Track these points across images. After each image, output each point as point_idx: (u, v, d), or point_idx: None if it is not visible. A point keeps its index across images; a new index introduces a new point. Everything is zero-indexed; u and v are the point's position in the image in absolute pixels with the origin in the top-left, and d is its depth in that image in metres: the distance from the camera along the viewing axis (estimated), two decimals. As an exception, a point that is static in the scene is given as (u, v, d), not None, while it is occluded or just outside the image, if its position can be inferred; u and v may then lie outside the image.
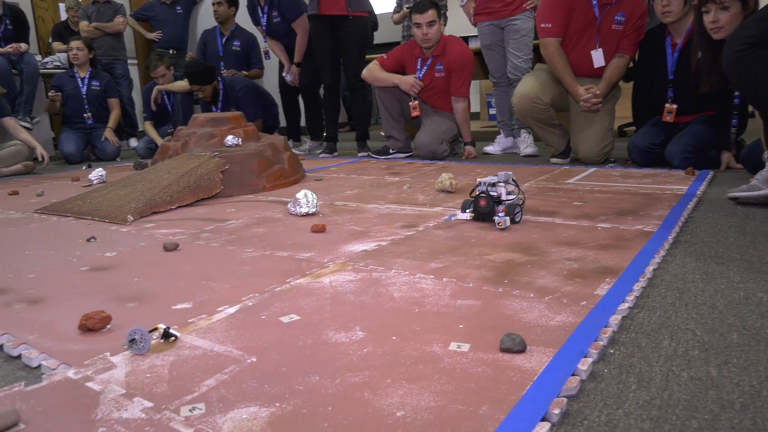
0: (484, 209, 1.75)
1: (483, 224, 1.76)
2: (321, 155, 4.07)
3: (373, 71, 3.52)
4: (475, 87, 7.25)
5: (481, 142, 4.09)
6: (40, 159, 3.96)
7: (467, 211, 1.84)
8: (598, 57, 2.92)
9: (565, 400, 0.77)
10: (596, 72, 2.95)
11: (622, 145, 3.42)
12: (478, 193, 1.78)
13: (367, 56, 3.95)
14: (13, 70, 4.53)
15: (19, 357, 0.99)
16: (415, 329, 1.01)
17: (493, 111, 6.46)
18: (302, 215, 2.01)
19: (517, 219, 1.75)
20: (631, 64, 3.02)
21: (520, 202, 1.80)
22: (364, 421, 0.73)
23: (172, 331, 1.01)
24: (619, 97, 3.06)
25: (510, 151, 3.75)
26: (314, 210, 2.03)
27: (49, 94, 4.50)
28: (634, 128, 3.28)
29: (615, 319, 1.02)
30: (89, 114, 4.58)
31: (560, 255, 1.41)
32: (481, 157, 3.58)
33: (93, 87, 4.59)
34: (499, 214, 1.70)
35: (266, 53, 4.64)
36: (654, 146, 2.76)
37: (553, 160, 3.15)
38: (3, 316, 1.16)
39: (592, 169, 2.81)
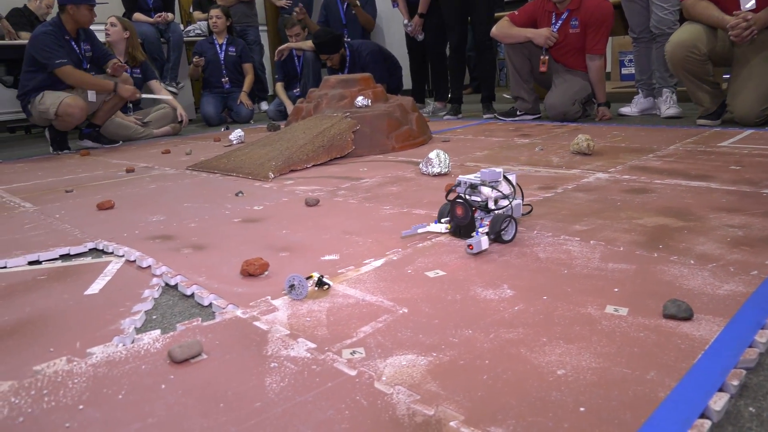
0: (461, 220, 1.26)
1: (628, 187, 1.66)
2: (445, 117, 4.04)
3: (504, 27, 3.40)
4: (607, 45, 6.78)
5: (615, 104, 3.84)
6: (179, 120, 4.27)
7: (443, 220, 1.33)
8: None
9: (744, 372, 0.71)
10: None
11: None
12: (455, 196, 1.30)
13: (496, 14, 3.82)
14: (160, 39, 4.89)
15: (191, 296, 1.10)
16: (566, 290, 0.98)
17: (626, 70, 6.02)
18: (434, 175, 2.01)
19: (507, 237, 1.23)
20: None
21: (514, 212, 1.29)
22: (524, 376, 0.73)
23: (325, 279, 1.06)
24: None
25: (648, 113, 3.49)
26: (446, 170, 2.02)
27: (194, 59, 4.82)
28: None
29: (794, 292, 0.93)
30: (226, 79, 4.85)
31: (721, 221, 1.30)
32: (616, 119, 3.37)
33: (230, 53, 4.85)
34: (479, 230, 1.22)
35: (394, 1, 4.61)
36: (827, 105, 2.43)
37: (700, 121, 2.89)
38: (174, 259, 1.28)
39: (748, 131, 2.54)
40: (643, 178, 1.78)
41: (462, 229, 1.27)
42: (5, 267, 1.32)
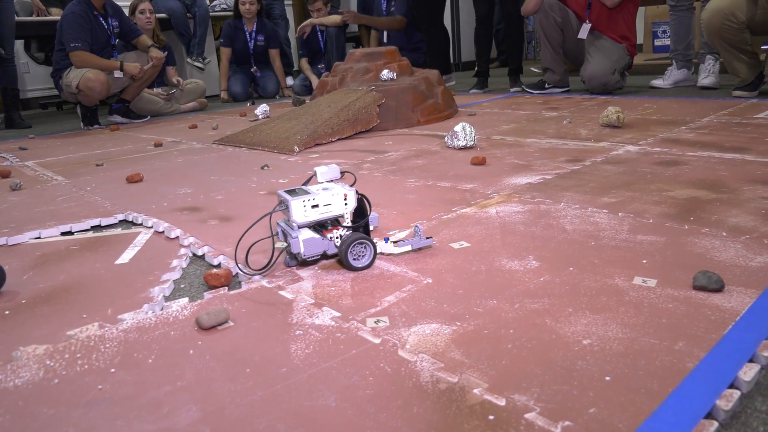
0: None
1: (658, 159, 1.63)
2: (471, 91, 3.98)
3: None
4: (639, 15, 6.55)
5: (647, 76, 3.74)
6: (181, 87, 4.23)
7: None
8: None
9: (776, 343, 0.70)
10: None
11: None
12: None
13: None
14: (187, 14, 4.89)
15: (218, 266, 1.11)
16: (593, 262, 0.97)
17: (659, 42, 5.83)
18: (459, 148, 1.99)
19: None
20: None
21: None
22: (549, 345, 0.72)
23: None
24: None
25: (682, 85, 3.38)
26: (472, 143, 2.00)
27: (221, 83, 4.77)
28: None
29: (832, 264, 0.90)
30: (255, 68, 4.80)
31: (755, 193, 1.27)
32: (648, 91, 3.28)
33: (259, 43, 4.74)
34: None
35: None
36: None
37: (737, 93, 2.79)
38: (201, 230, 1.30)
39: (787, 103, 2.46)
40: (674, 150, 1.73)
41: None
42: (39, 237, 1.35)
